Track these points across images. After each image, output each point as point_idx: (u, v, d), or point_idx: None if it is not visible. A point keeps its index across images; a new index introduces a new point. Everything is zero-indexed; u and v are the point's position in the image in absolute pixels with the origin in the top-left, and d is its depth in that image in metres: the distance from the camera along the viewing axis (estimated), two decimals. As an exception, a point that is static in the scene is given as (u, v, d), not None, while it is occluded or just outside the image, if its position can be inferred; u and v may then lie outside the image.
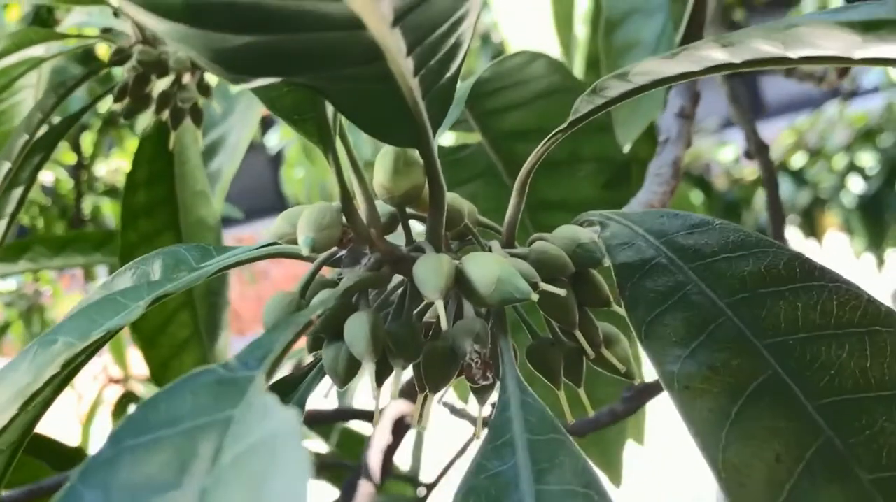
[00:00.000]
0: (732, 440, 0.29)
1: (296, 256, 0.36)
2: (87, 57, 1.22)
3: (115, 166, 1.65)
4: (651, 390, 0.72)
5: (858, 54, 0.26)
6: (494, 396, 0.39)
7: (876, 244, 2.28)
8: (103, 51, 1.21)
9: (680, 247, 0.34)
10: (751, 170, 2.69)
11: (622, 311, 0.38)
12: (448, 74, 0.35)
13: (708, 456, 0.28)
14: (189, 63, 0.73)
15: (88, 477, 0.23)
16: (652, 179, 0.56)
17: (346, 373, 0.34)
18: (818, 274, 0.32)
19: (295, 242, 0.37)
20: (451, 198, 0.38)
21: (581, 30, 0.85)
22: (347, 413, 1.17)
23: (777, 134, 2.82)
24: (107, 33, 0.81)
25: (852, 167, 2.31)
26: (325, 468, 1.19)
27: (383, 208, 0.38)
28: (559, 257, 0.37)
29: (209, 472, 0.22)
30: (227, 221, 0.83)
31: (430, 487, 0.96)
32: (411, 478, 1.04)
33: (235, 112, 1.04)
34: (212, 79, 0.82)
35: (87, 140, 1.54)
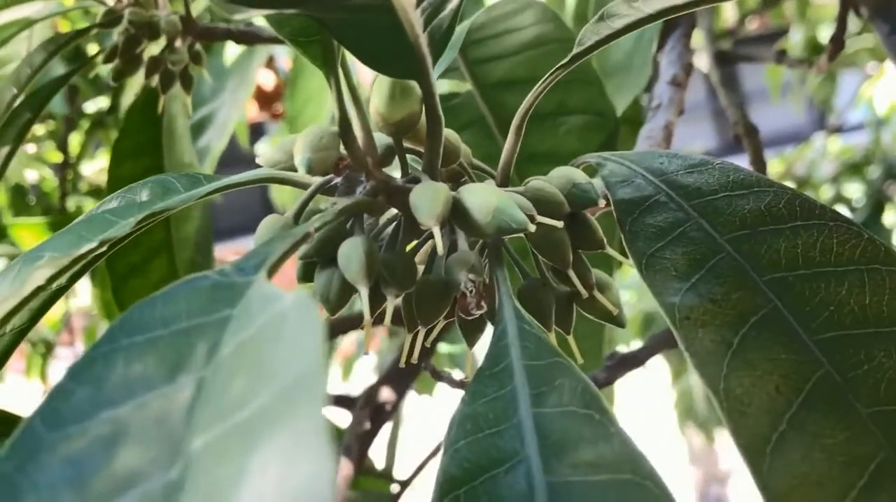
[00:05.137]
0: (734, 369, 0.28)
1: (289, 182, 0.36)
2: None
3: (100, 166, 1.61)
4: (632, 361, 0.72)
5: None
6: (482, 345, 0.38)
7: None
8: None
9: (679, 185, 0.34)
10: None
11: (615, 254, 0.38)
12: (451, 6, 0.34)
13: (710, 386, 0.28)
14: (180, 27, 0.72)
15: (80, 374, 0.22)
16: (643, 142, 0.56)
17: (339, 299, 0.33)
18: (819, 212, 0.32)
19: (289, 170, 0.36)
20: (449, 133, 0.38)
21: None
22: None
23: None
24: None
25: (839, 198, 2.33)
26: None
27: (380, 140, 0.37)
28: (555, 195, 0.36)
29: (206, 365, 0.21)
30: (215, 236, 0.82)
31: (404, 484, 0.94)
32: (385, 475, 1.03)
33: (226, 90, 1.03)
34: (203, 46, 0.80)
35: (75, 141, 1.51)
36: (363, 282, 0.32)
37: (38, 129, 1.46)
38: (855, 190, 2.23)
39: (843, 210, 2.24)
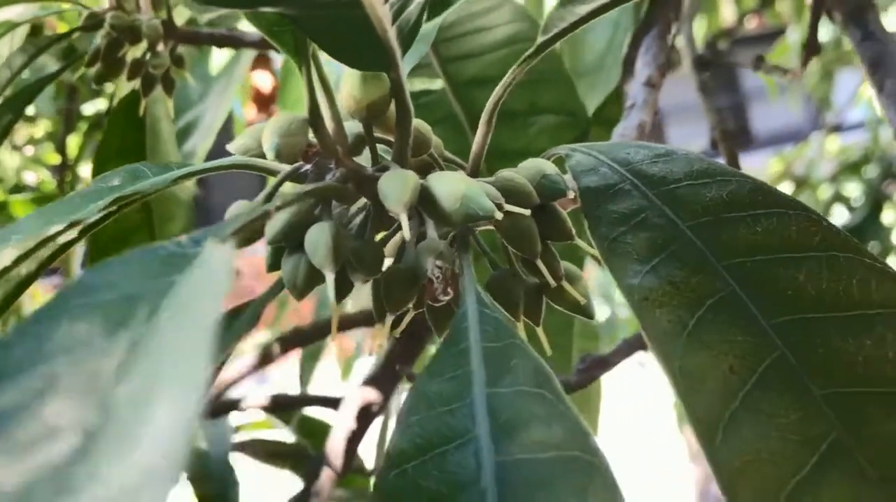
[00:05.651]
0: (689, 349, 0.29)
1: (259, 168, 0.36)
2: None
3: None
4: (605, 363, 0.72)
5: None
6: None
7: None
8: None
9: (644, 174, 0.34)
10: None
11: (584, 246, 0.38)
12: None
13: (665, 364, 0.28)
14: (162, 31, 0.73)
15: (25, 330, 0.22)
16: (617, 139, 0.56)
17: (305, 284, 0.34)
18: (780, 201, 0.32)
19: (258, 157, 0.37)
20: (419, 123, 0.38)
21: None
22: (311, 399, 1.15)
23: (764, 163, 2.84)
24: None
25: (838, 197, 2.32)
26: (287, 457, 1.17)
27: (350, 129, 0.37)
28: (524, 185, 0.37)
29: (145, 325, 0.21)
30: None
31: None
32: (375, 473, 1.03)
33: (211, 94, 1.04)
34: (185, 50, 0.81)
35: (73, 143, 1.52)
36: (329, 266, 0.32)
37: (37, 132, 1.47)
38: (854, 189, 2.23)
39: (841, 209, 2.24)
